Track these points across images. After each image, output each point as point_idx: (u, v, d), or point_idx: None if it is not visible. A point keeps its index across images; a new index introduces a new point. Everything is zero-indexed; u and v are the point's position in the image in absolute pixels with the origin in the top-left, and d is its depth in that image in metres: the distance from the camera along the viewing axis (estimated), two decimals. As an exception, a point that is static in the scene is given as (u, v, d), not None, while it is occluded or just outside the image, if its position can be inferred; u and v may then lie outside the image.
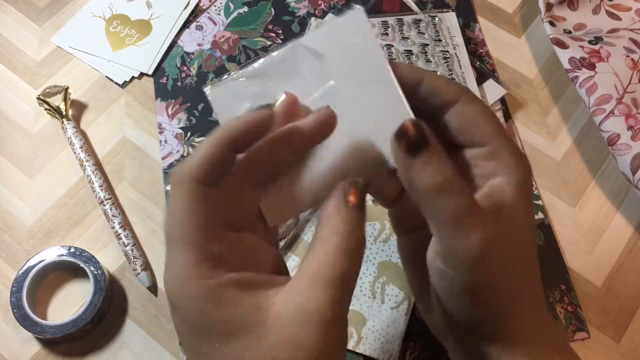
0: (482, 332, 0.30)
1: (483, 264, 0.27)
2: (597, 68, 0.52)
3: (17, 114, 0.55)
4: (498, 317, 0.29)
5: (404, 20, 0.56)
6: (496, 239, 0.27)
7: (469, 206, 0.26)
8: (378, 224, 0.48)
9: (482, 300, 0.28)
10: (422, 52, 0.55)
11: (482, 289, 0.28)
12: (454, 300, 0.29)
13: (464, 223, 0.26)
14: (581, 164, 0.53)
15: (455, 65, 0.54)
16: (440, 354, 0.44)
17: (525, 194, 0.29)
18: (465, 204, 0.26)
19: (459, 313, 0.30)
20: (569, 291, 0.47)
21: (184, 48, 0.57)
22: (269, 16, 0.59)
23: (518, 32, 0.59)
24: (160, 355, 0.45)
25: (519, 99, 0.56)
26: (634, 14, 0.58)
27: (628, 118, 0.50)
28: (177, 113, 0.54)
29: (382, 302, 0.46)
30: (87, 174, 0.50)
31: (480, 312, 0.29)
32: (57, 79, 0.56)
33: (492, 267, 0.27)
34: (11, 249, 0.49)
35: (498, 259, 0.27)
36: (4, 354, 0.45)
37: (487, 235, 0.26)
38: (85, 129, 0.54)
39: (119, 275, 0.48)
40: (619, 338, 0.46)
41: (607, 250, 0.49)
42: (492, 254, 0.27)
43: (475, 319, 0.29)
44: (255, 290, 0.26)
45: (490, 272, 0.27)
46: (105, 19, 0.59)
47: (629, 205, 0.51)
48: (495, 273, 0.27)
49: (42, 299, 0.47)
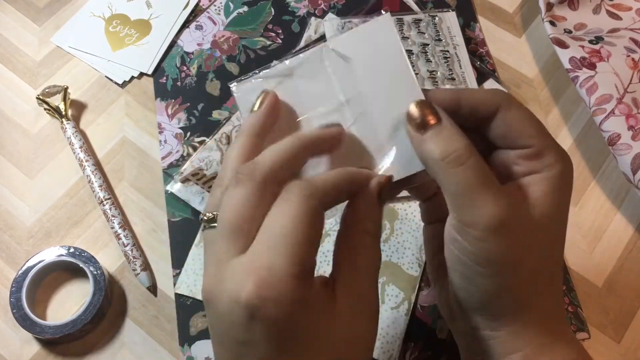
0: (488, 311, 0.30)
1: (493, 239, 0.27)
2: (598, 68, 0.52)
3: (16, 114, 0.55)
4: (503, 297, 0.29)
5: (404, 19, 0.56)
6: (511, 219, 0.27)
7: (482, 180, 0.27)
8: (378, 224, 0.48)
9: (489, 275, 0.29)
10: (422, 51, 0.55)
11: (490, 264, 0.28)
12: (465, 272, 0.29)
13: (474, 196, 0.27)
14: (581, 163, 0.53)
15: (455, 65, 0.54)
16: (440, 354, 0.44)
17: (559, 189, 0.29)
18: (477, 177, 0.27)
19: (468, 287, 0.30)
20: (569, 291, 0.47)
21: (183, 48, 0.57)
22: (269, 16, 0.59)
23: (518, 32, 0.59)
24: (159, 356, 0.45)
25: (519, 98, 0.55)
26: (635, 14, 0.58)
27: (628, 118, 0.49)
28: (177, 113, 0.54)
29: (382, 302, 0.45)
30: (87, 174, 0.50)
31: (485, 289, 0.29)
32: (57, 78, 0.56)
33: (503, 245, 0.28)
34: (11, 249, 0.49)
35: (510, 239, 0.28)
36: (4, 354, 0.45)
37: (499, 212, 0.27)
38: (85, 129, 0.54)
39: (119, 275, 0.48)
40: (619, 338, 0.46)
41: (607, 250, 0.49)
42: (504, 232, 0.27)
43: (482, 295, 0.30)
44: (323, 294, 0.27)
45: (501, 249, 0.28)
46: (105, 19, 0.59)
47: (630, 205, 0.51)
48: (507, 252, 0.28)
49: (41, 299, 0.47)
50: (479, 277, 0.29)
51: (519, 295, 0.29)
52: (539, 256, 0.29)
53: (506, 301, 0.29)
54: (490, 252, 0.28)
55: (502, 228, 0.27)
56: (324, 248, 0.47)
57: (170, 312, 0.46)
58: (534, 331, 0.30)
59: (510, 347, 0.30)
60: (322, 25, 0.57)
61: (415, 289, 0.46)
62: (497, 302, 0.29)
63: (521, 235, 0.28)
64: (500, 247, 0.28)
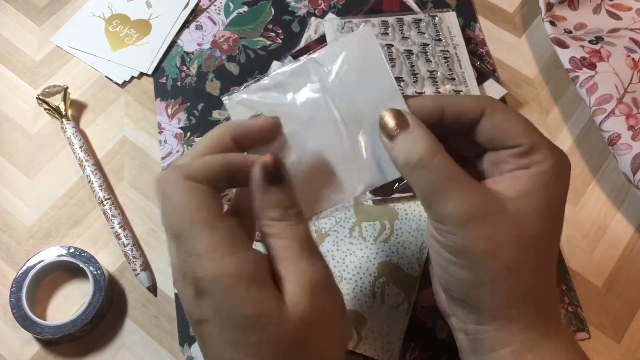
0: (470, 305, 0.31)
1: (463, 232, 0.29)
2: (598, 68, 0.52)
3: (16, 114, 0.55)
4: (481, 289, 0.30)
5: (404, 19, 0.56)
6: (480, 213, 0.28)
7: (447, 178, 0.29)
8: (378, 224, 0.48)
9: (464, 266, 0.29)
10: (422, 51, 0.55)
11: (463, 255, 0.29)
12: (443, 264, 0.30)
13: (440, 194, 0.29)
14: (581, 163, 0.53)
15: (455, 65, 0.54)
16: (440, 354, 0.44)
17: (546, 185, 0.30)
18: (441, 177, 0.29)
19: (449, 280, 0.31)
20: (569, 291, 0.47)
21: (183, 48, 0.57)
22: (269, 16, 0.59)
23: (518, 32, 0.59)
24: (159, 356, 0.45)
25: (519, 98, 0.55)
26: (635, 14, 0.58)
27: (628, 118, 0.49)
28: (177, 113, 0.54)
29: (382, 302, 0.45)
30: (87, 174, 0.50)
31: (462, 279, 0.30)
32: (57, 78, 0.56)
33: (473, 238, 0.29)
34: (10, 249, 0.49)
35: (481, 232, 0.28)
36: (4, 354, 0.45)
37: (465, 207, 0.28)
38: (85, 128, 0.54)
39: (119, 275, 0.48)
40: (619, 338, 0.46)
41: (607, 250, 0.49)
42: (472, 226, 0.28)
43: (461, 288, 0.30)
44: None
45: (472, 242, 0.29)
46: (105, 19, 0.59)
47: (630, 205, 0.51)
48: (477, 244, 0.29)
49: (41, 299, 0.47)
50: (455, 268, 0.30)
51: (496, 287, 0.29)
52: (516, 251, 0.29)
53: (485, 293, 0.30)
54: (462, 244, 0.29)
55: (471, 221, 0.29)
56: (324, 248, 0.47)
57: (170, 312, 0.46)
58: (520, 326, 0.30)
59: (498, 342, 0.30)
60: (322, 25, 0.57)
61: (415, 289, 0.46)
62: (475, 294, 0.30)
63: (494, 228, 0.29)
64: (470, 239, 0.29)
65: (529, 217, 0.29)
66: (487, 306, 0.30)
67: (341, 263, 0.47)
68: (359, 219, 0.48)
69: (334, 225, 0.48)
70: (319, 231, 0.48)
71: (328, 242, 0.48)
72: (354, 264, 0.47)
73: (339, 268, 0.47)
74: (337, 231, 0.48)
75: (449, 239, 0.29)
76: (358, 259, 0.47)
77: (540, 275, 0.30)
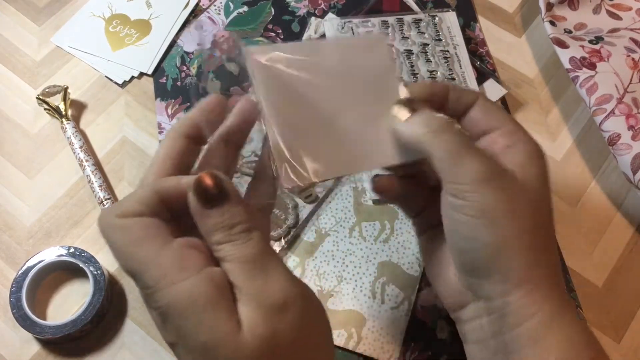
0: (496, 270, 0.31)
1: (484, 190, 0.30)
2: (598, 68, 0.52)
3: (16, 114, 0.55)
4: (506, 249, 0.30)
5: (404, 19, 0.56)
6: (497, 174, 0.30)
7: (465, 143, 0.31)
8: (378, 224, 0.48)
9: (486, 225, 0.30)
10: (422, 51, 0.55)
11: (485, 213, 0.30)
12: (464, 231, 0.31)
13: (461, 155, 0.30)
14: (581, 163, 0.53)
15: (455, 65, 0.54)
16: (440, 354, 0.44)
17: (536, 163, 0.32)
18: (460, 141, 0.31)
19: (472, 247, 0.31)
20: (569, 291, 0.47)
21: (183, 48, 0.57)
22: (269, 16, 0.59)
23: (518, 32, 0.59)
24: (159, 356, 0.45)
25: (519, 98, 0.55)
26: (635, 14, 0.58)
27: (628, 118, 0.49)
28: (177, 113, 0.54)
29: (382, 302, 0.45)
30: (87, 174, 0.50)
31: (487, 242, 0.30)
32: (57, 78, 0.56)
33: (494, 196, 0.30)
34: (10, 249, 0.49)
35: (500, 191, 0.30)
36: (4, 354, 0.45)
37: (485, 167, 0.30)
38: (85, 128, 0.54)
39: (119, 275, 0.48)
40: (619, 338, 0.46)
41: (607, 250, 0.49)
42: (492, 184, 0.30)
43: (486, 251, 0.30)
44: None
45: (493, 199, 0.30)
46: (105, 19, 0.59)
47: (630, 205, 0.51)
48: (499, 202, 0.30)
49: (41, 299, 0.47)
50: (478, 231, 0.30)
51: (521, 244, 0.30)
52: (529, 212, 0.31)
53: (510, 254, 0.30)
54: (483, 202, 0.30)
55: (491, 180, 0.30)
56: (324, 248, 0.47)
57: (170, 312, 0.46)
58: (543, 293, 0.30)
59: (524, 312, 0.30)
60: (322, 25, 0.57)
61: (415, 289, 0.46)
62: (501, 256, 0.30)
63: (509, 189, 0.30)
64: (491, 197, 0.30)
65: (529, 184, 0.31)
66: (513, 269, 0.30)
67: (341, 263, 0.47)
68: (359, 219, 0.48)
69: (334, 225, 0.48)
70: (319, 231, 0.48)
71: (328, 242, 0.48)
72: (354, 264, 0.47)
73: (339, 268, 0.47)
74: (337, 231, 0.48)
75: (472, 199, 0.30)
76: (358, 259, 0.47)
77: (550, 241, 0.32)
